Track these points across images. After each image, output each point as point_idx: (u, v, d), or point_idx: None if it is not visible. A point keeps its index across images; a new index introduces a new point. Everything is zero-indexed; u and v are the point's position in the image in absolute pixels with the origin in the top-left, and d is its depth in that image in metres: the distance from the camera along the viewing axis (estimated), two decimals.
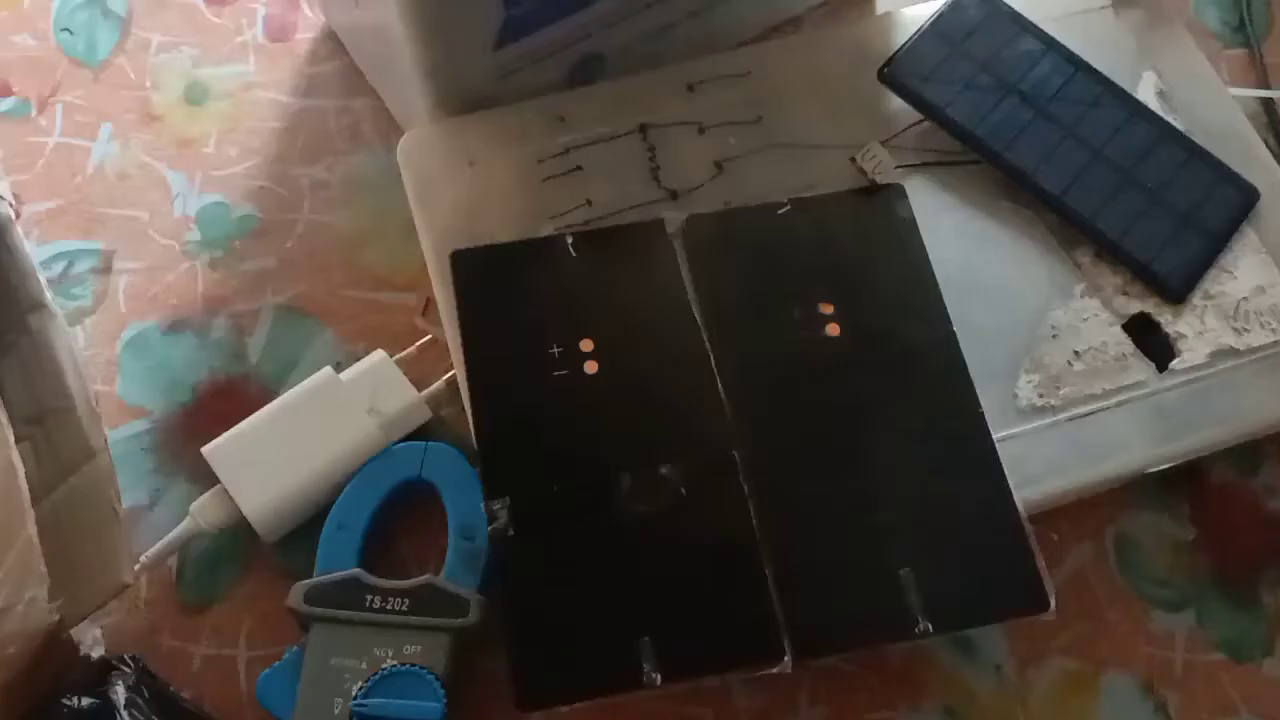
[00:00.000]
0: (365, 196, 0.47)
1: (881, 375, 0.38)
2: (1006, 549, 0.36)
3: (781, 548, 0.35)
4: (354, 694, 0.36)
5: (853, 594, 0.35)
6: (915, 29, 0.44)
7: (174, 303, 0.45)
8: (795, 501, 0.36)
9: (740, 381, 0.38)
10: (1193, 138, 0.44)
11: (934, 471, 0.37)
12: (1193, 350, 0.40)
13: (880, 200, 0.42)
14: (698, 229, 0.41)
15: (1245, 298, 0.41)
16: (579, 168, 0.42)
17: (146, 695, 0.36)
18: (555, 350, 0.38)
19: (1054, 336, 0.41)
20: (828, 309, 0.39)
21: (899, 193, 0.42)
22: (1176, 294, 0.41)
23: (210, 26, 0.51)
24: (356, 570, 0.38)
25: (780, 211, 0.41)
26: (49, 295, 0.41)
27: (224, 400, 0.43)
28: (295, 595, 0.37)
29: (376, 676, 0.36)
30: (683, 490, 0.36)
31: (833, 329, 0.39)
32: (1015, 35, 0.44)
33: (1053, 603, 0.35)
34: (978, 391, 0.38)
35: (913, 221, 0.41)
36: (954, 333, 0.39)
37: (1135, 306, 0.41)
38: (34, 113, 0.49)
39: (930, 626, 0.34)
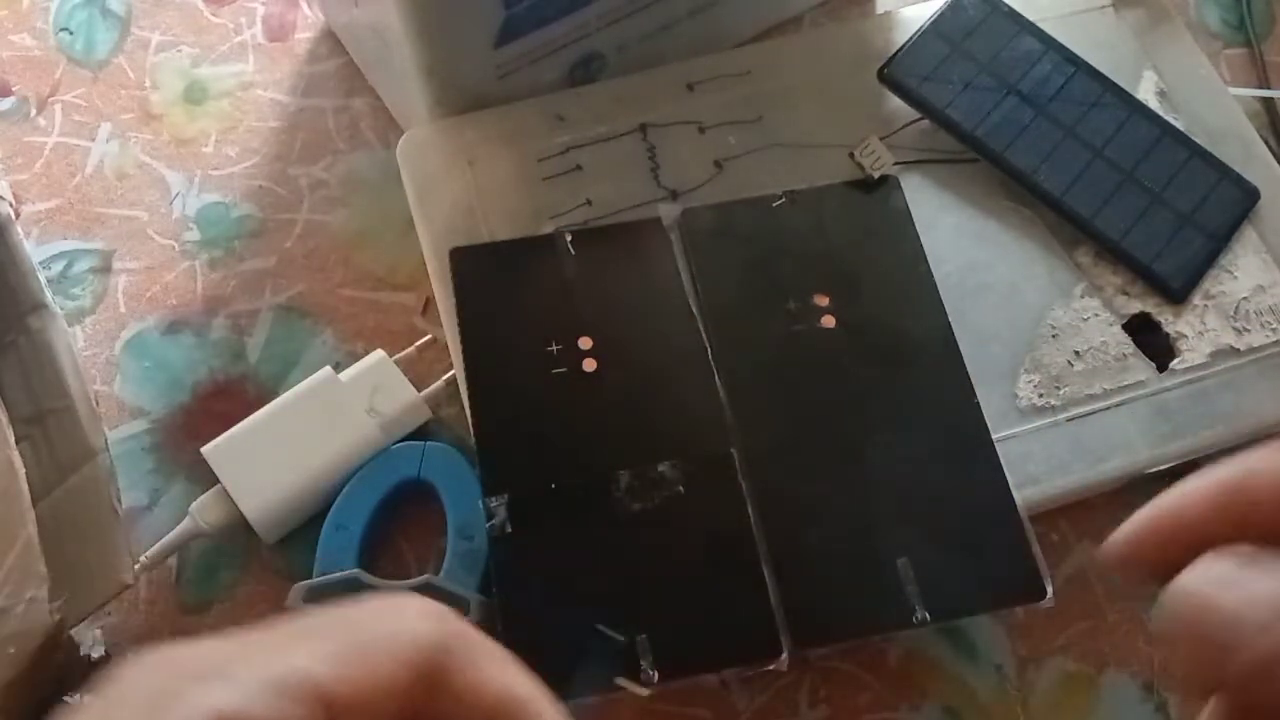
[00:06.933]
0: (364, 196, 0.47)
1: (876, 366, 0.38)
2: (1002, 538, 0.36)
3: (779, 542, 0.35)
4: None
5: (850, 584, 0.35)
6: (915, 29, 0.44)
7: (173, 303, 0.45)
8: (792, 495, 0.36)
9: (738, 376, 0.38)
10: (1193, 137, 0.44)
11: (930, 461, 0.37)
12: (1193, 350, 0.40)
13: (874, 192, 0.42)
14: (693, 223, 0.41)
15: (1246, 297, 0.41)
16: (579, 167, 0.42)
17: None
18: (554, 348, 0.38)
19: (1054, 336, 0.40)
20: (823, 301, 0.39)
21: (893, 184, 0.42)
22: (1177, 294, 0.41)
23: (209, 26, 0.51)
24: (356, 570, 0.38)
25: (775, 204, 0.41)
26: (49, 295, 0.41)
27: (223, 400, 0.43)
28: (295, 596, 0.37)
29: None
30: (681, 488, 0.36)
31: (828, 321, 0.39)
32: (1015, 35, 0.44)
33: (1049, 591, 0.35)
34: (978, 392, 0.38)
35: (907, 213, 0.41)
36: (949, 323, 0.39)
37: (1135, 306, 0.41)
38: (33, 112, 0.49)
39: (928, 615, 0.34)
